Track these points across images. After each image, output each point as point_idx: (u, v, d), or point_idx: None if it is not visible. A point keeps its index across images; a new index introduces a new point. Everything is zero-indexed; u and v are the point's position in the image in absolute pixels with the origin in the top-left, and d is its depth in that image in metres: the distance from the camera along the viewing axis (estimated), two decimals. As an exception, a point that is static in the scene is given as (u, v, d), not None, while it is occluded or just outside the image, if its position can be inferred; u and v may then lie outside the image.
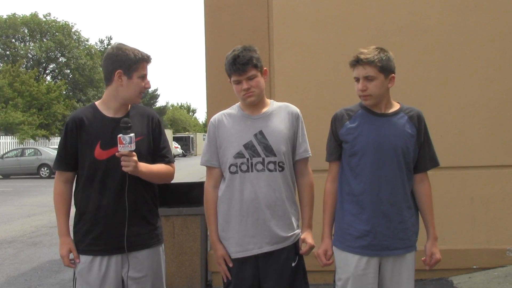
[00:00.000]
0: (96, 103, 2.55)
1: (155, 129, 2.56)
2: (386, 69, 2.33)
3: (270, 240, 2.42)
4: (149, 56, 2.50)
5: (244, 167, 2.42)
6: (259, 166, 2.42)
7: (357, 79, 2.37)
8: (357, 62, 2.34)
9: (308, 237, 2.51)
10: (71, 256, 2.47)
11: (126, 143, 2.29)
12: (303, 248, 2.51)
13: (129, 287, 2.45)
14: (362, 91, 2.35)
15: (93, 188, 2.43)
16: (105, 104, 2.51)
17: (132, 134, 2.31)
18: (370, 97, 2.36)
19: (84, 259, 2.44)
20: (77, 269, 2.47)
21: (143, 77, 2.47)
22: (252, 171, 2.42)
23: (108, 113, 2.49)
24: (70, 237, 2.50)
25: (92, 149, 2.41)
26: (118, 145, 2.29)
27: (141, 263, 2.47)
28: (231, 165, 2.44)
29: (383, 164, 2.34)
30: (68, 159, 2.47)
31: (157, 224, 2.58)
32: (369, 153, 2.35)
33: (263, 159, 2.42)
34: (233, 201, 2.44)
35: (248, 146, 2.43)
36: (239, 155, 2.43)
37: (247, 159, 2.42)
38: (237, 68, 2.39)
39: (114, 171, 2.39)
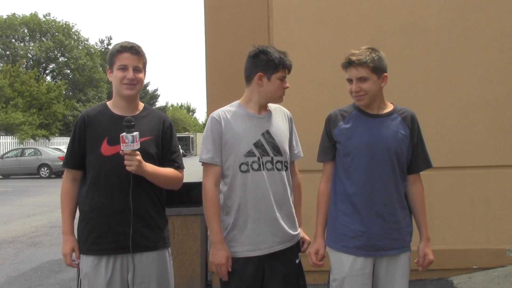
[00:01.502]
0: (107, 102, 2.57)
1: (166, 132, 2.54)
2: (378, 69, 2.34)
3: (282, 239, 2.43)
4: (128, 46, 2.43)
5: (255, 166, 2.41)
6: (269, 165, 2.42)
7: (350, 81, 2.38)
8: (349, 63, 2.34)
9: (305, 235, 2.59)
10: (73, 256, 2.45)
11: (129, 142, 2.26)
12: (304, 246, 2.58)
13: None
14: (356, 92, 2.36)
15: (99, 185, 2.41)
16: (114, 103, 2.53)
17: (135, 133, 2.28)
18: (365, 97, 2.36)
19: (90, 261, 2.41)
20: (82, 273, 2.43)
21: (123, 68, 2.42)
22: (264, 169, 2.41)
23: (117, 111, 2.49)
24: (74, 236, 2.48)
25: (99, 145, 2.41)
26: (121, 143, 2.27)
27: (146, 266, 2.43)
28: (241, 163, 2.41)
29: (376, 165, 2.35)
30: (76, 157, 2.46)
31: (165, 227, 2.55)
32: (362, 154, 2.37)
33: (272, 158, 2.43)
34: (246, 200, 2.42)
35: (258, 145, 2.43)
36: (250, 153, 2.41)
37: (258, 158, 2.42)
38: (290, 65, 2.50)
39: (120, 168, 2.35)
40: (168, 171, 2.50)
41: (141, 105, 2.58)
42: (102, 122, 2.46)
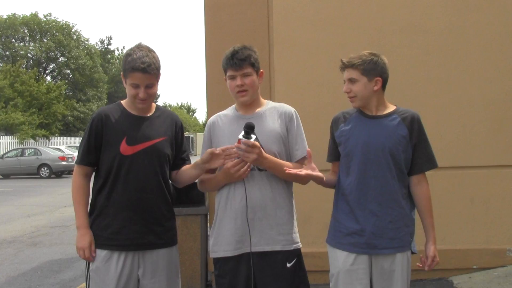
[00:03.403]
0: (122, 101, 2.59)
1: (178, 133, 2.63)
2: (369, 72, 2.39)
3: (259, 241, 2.42)
4: (143, 67, 2.36)
5: None
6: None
7: (345, 82, 2.47)
8: (342, 66, 2.45)
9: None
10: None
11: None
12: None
13: (145, 287, 2.47)
14: (347, 93, 2.46)
15: (117, 183, 2.44)
16: (129, 105, 2.55)
17: (254, 138, 2.31)
18: (355, 99, 2.44)
19: (102, 256, 2.44)
20: (92, 266, 2.46)
21: (135, 86, 2.42)
22: None
23: (132, 111, 2.53)
24: (90, 230, 2.48)
25: (118, 144, 2.44)
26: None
27: (156, 262, 2.48)
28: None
29: (371, 164, 2.38)
30: (91, 154, 2.49)
31: (174, 224, 2.61)
32: (358, 154, 2.41)
33: None
34: (226, 200, 2.46)
35: None
36: None
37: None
38: (234, 62, 2.43)
39: (138, 167, 2.43)
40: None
41: (154, 106, 2.62)
42: (120, 121, 2.48)
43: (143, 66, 2.37)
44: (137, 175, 2.44)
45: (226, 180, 2.43)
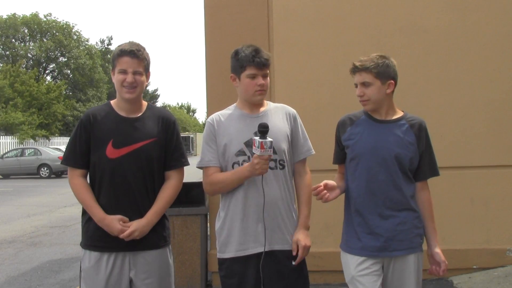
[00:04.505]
0: (112, 102, 2.57)
1: (168, 131, 2.55)
2: (382, 75, 2.38)
3: (270, 240, 2.41)
4: (127, 50, 2.40)
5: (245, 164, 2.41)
6: None
7: (356, 85, 2.44)
8: (354, 69, 2.41)
9: (301, 237, 2.44)
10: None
11: (267, 147, 2.26)
12: (299, 251, 2.42)
13: None
14: (360, 97, 2.42)
15: (104, 186, 2.44)
16: (118, 104, 2.53)
17: (271, 139, 2.28)
18: (368, 102, 2.41)
19: (93, 257, 2.44)
20: (84, 266, 2.48)
21: (123, 72, 2.42)
22: None
23: (121, 112, 2.50)
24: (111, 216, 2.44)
25: (104, 147, 2.42)
26: (259, 149, 2.25)
27: (148, 264, 2.47)
28: (234, 163, 2.44)
29: (379, 168, 2.38)
30: (77, 155, 2.47)
31: (166, 225, 2.59)
32: (365, 158, 2.40)
33: None
34: (237, 199, 2.44)
35: (249, 143, 2.42)
36: (240, 152, 2.42)
37: (248, 157, 2.41)
38: (260, 61, 2.39)
39: (124, 170, 2.41)
40: (167, 196, 2.51)
41: (145, 105, 2.59)
42: (108, 123, 2.46)
43: (129, 50, 2.40)
44: (124, 179, 2.42)
45: (251, 174, 2.34)
